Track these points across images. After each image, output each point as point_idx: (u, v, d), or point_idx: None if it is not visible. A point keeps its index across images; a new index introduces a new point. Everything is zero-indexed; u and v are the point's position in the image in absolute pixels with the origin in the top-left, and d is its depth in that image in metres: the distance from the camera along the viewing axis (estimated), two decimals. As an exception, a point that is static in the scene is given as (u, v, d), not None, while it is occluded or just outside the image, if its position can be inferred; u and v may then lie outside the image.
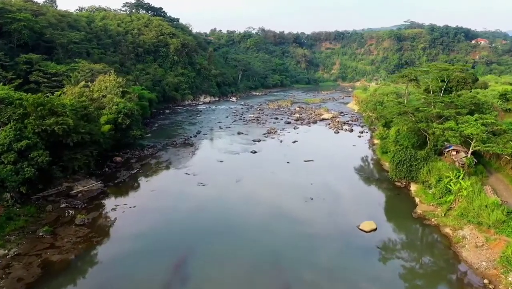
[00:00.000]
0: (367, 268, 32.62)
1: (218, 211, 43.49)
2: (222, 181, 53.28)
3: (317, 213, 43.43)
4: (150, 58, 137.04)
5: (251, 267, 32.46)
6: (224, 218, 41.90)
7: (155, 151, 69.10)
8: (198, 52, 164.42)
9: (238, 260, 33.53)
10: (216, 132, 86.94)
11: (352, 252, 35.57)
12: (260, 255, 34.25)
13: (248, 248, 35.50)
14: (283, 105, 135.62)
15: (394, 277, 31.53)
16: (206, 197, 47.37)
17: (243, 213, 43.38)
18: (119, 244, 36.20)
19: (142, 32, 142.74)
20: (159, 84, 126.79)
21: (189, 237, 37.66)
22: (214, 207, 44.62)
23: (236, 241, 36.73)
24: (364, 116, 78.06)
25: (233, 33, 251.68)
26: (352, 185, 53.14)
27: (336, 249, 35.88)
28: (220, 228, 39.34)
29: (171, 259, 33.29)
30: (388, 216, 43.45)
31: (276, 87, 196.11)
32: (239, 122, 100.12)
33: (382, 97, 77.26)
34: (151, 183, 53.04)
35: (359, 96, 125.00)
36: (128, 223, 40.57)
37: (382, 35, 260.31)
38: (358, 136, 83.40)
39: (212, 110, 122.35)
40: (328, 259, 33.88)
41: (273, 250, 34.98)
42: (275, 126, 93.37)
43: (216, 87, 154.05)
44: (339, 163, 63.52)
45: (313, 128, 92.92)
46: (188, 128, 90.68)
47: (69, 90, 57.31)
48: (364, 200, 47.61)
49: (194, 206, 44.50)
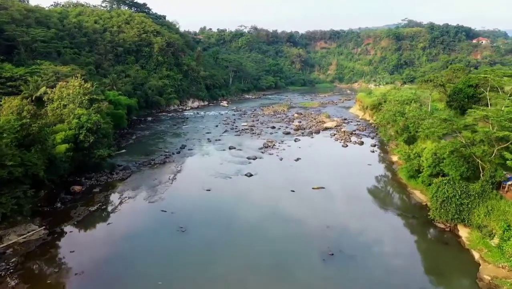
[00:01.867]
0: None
1: (202, 282, 30.47)
2: (208, 224, 40.29)
3: (341, 282, 30.75)
4: (131, 59, 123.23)
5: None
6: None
7: (127, 174, 55.80)
8: (186, 52, 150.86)
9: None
10: (203, 147, 73.82)
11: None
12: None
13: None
14: (279, 110, 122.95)
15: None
16: (186, 254, 34.39)
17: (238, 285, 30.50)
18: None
19: (123, 29, 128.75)
20: (141, 88, 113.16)
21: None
22: (198, 274, 31.58)
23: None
24: (381, 130, 65.64)
25: (224, 32, 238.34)
26: (381, 228, 40.44)
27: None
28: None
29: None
30: (444, 283, 30.93)
31: (270, 90, 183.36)
32: (230, 132, 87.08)
33: (401, 105, 64.87)
34: (114, 228, 39.69)
35: (363, 101, 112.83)
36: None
37: (380, 34, 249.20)
38: (371, 151, 71.04)
39: (201, 117, 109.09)
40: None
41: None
42: (272, 138, 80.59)
43: (205, 90, 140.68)
44: (355, 190, 50.99)
45: (316, 140, 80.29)
46: (170, 142, 77.40)
47: (6, 104, 43.74)
48: (403, 254, 34.99)
49: (168, 274, 31.45)
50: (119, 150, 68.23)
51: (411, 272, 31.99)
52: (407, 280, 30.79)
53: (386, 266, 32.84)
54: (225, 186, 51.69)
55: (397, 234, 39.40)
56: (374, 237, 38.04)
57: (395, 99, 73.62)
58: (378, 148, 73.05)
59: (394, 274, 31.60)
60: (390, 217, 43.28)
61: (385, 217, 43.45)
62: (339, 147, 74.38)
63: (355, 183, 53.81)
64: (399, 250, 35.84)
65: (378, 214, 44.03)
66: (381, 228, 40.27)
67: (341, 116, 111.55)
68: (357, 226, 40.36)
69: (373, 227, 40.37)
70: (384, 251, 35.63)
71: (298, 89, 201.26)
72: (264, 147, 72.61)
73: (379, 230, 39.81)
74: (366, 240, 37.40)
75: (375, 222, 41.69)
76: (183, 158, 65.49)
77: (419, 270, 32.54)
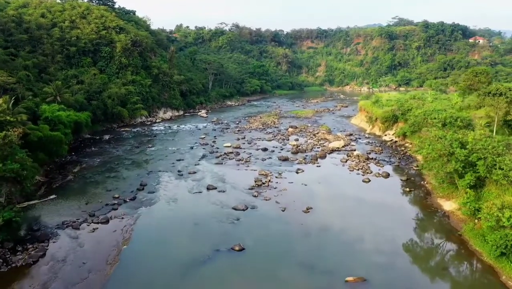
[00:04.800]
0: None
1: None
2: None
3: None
4: (88, 61, 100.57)
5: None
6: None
7: (39, 251, 34.13)
8: (157, 53, 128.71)
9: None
10: (171, 186, 52.48)
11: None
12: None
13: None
14: (268, 122, 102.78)
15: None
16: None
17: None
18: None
19: (77, 25, 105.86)
20: (98, 97, 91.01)
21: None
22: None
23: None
24: (426, 166, 45.37)
25: (203, 30, 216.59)
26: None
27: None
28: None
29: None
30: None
31: (255, 94, 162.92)
32: (209, 158, 66.15)
33: (455, 131, 45.27)
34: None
35: (370, 111, 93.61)
36: None
37: (371, 33, 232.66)
38: (405, 190, 51.39)
39: (173, 134, 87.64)
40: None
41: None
42: (266, 167, 60.14)
43: (179, 97, 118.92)
44: (414, 282, 31.06)
45: (325, 170, 60.19)
46: (126, 177, 55.85)
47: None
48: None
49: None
50: (45, 196, 46.58)
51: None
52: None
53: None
54: (199, 285, 30.62)
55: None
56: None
57: (432, 117, 54.33)
58: (411, 183, 53.59)
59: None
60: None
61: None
62: (358, 181, 54.44)
63: (406, 264, 33.80)
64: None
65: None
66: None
67: (344, 130, 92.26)
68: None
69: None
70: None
71: (286, 93, 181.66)
72: (256, 185, 51.98)
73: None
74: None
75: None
76: (137, 210, 43.96)
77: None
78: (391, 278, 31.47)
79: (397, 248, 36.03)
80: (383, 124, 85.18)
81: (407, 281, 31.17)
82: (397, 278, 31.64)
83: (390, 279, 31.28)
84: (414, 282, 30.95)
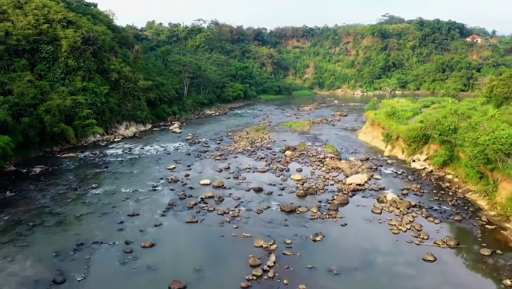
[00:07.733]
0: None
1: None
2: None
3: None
4: (22, 63, 76.67)
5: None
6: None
7: None
8: (119, 53, 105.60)
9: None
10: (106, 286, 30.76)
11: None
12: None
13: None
14: (257, 139, 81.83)
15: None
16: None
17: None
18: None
19: (8, 17, 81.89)
20: (31, 111, 67.94)
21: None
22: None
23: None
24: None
25: (177, 27, 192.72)
26: None
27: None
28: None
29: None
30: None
31: (238, 101, 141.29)
32: (179, 211, 44.36)
33: None
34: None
35: (388, 127, 73.61)
36: None
37: (361, 32, 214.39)
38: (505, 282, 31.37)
39: (132, 162, 65.38)
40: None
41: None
42: (263, 230, 39.00)
43: (146, 108, 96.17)
44: None
45: (355, 233, 39.29)
46: (33, 262, 33.49)
47: None
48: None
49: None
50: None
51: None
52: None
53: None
54: None
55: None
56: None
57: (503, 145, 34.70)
58: (500, 259, 33.65)
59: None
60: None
61: None
62: (417, 261, 33.70)
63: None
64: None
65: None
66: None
67: (355, 151, 72.48)
68: None
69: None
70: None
71: (273, 98, 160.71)
72: (253, 277, 30.71)
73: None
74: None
75: None
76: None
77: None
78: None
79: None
80: (409, 146, 65.58)
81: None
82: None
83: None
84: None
